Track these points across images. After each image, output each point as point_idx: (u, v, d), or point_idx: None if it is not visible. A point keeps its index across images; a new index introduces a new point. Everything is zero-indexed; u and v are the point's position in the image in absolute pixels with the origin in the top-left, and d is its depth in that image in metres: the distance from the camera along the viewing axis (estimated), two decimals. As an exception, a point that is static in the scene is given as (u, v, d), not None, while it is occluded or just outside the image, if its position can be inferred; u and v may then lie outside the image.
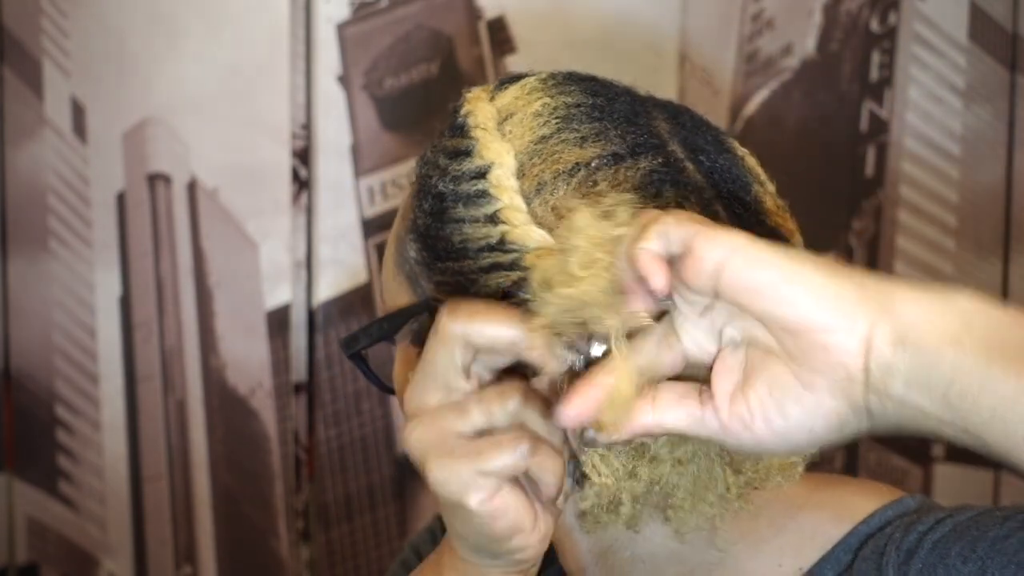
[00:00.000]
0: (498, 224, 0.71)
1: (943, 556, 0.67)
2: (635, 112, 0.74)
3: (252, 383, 1.50)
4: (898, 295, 0.57)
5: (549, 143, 0.72)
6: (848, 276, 0.58)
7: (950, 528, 0.68)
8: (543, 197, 0.71)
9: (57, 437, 1.53)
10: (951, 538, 0.67)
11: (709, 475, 0.71)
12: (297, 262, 1.48)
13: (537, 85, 0.75)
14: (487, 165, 0.72)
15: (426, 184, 0.75)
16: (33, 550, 1.55)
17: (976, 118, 1.45)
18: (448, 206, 0.73)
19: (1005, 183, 1.45)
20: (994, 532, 0.66)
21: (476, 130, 0.74)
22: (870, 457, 1.48)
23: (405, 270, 0.76)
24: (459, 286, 0.72)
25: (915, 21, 1.44)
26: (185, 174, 1.47)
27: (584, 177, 0.71)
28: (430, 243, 0.74)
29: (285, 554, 1.52)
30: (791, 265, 0.58)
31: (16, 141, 1.49)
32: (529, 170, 0.72)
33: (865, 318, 0.56)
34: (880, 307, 0.56)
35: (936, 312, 0.56)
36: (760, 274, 0.57)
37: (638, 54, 1.43)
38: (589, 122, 0.73)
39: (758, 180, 0.75)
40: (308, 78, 1.45)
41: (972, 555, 0.66)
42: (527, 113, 0.74)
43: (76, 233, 1.50)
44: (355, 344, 0.80)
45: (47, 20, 1.47)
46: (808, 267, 0.58)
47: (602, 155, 0.72)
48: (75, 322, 1.51)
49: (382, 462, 1.51)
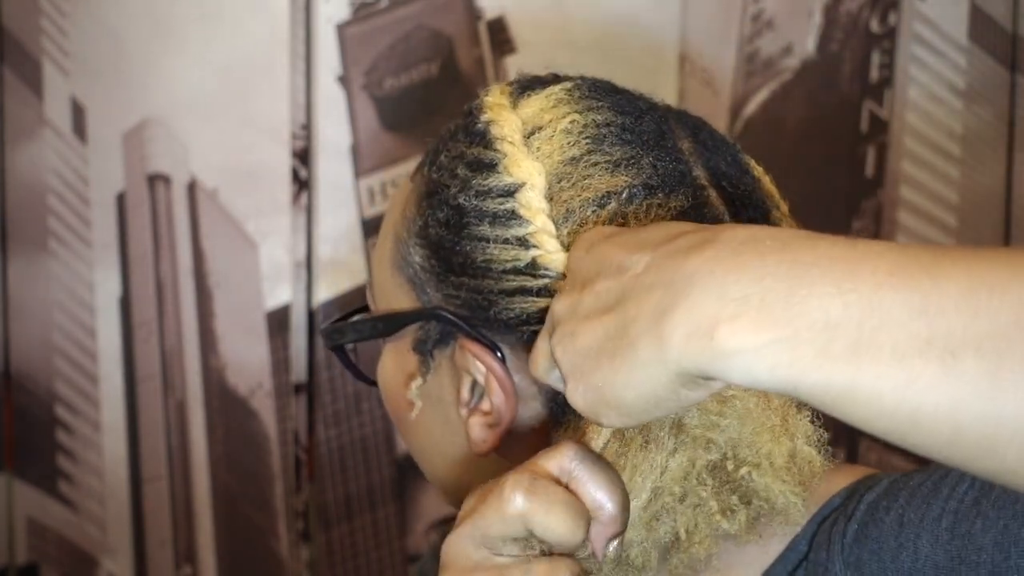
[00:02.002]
0: (529, 248, 0.70)
1: (873, 511, 0.68)
2: (661, 132, 0.73)
3: (252, 383, 1.50)
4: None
5: (579, 166, 0.71)
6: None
7: (884, 487, 0.69)
8: (571, 225, 0.70)
9: (57, 437, 1.53)
10: (881, 495, 0.69)
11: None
12: (297, 262, 1.48)
13: (564, 97, 0.74)
14: (517, 184, 0.70)
15: (442, 192, 0.73)
16: (33, 550, 1.55)
17: (976, 118, 1.45)
18: (470, 221, 0.71)
19: (1005, 183, 1.45)
20: (915, 481, 0.67)
21: (503, 143, 0.72)
22: (870, 457, 1.48)
23: (408, 273, 0.75)
24: (475, 304, 0.71)
25: (915, 21, 1.44)
26: (185, 174, 1.47)
27: (615, 210, 0.70)
28: (443, 255, 0.72)
29: (285, 554, 1.52)
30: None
31: (16, 141, 1.49)
32: (558, 195, 0.70)
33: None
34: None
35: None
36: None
37: (638, 54, 1.43)
38: (620, 145, 0.71)
39: (775, 204, 0.74)
40: (308, 78, 1.45)
41: (894, 505, 0.67)
42: (556, 130, 0.72)
43: (76, 233, 1.50)
44: (340, 338, 0.79)
45: (47, 20, 1.47)
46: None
47: (633, 184, 0.70)
48: (75, 322, 1.51)
49: (382, 462, 1.51)
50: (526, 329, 0.70)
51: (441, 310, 0.73)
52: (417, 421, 0.78)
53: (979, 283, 0.49)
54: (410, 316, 0.75)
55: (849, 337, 0.50)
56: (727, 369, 0.53)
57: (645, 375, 0.56)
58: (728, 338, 0.52)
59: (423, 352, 0.75)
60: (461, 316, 0.72)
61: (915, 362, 0.50)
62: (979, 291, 0.49)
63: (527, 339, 0.71)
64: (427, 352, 0.75)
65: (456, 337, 0.73)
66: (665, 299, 0.55)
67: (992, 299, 0.49)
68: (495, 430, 0.73)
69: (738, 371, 0.53)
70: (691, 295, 0.54)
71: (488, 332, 0.72)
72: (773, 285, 0.52)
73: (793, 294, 0.52)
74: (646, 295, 0.56)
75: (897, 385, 0.50)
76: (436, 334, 0.74)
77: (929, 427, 0.50)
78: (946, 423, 0.50)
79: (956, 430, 0.50)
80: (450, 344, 0.74)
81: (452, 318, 0.72)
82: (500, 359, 0.72)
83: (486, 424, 0.73)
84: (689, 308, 0.54)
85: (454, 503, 0.82)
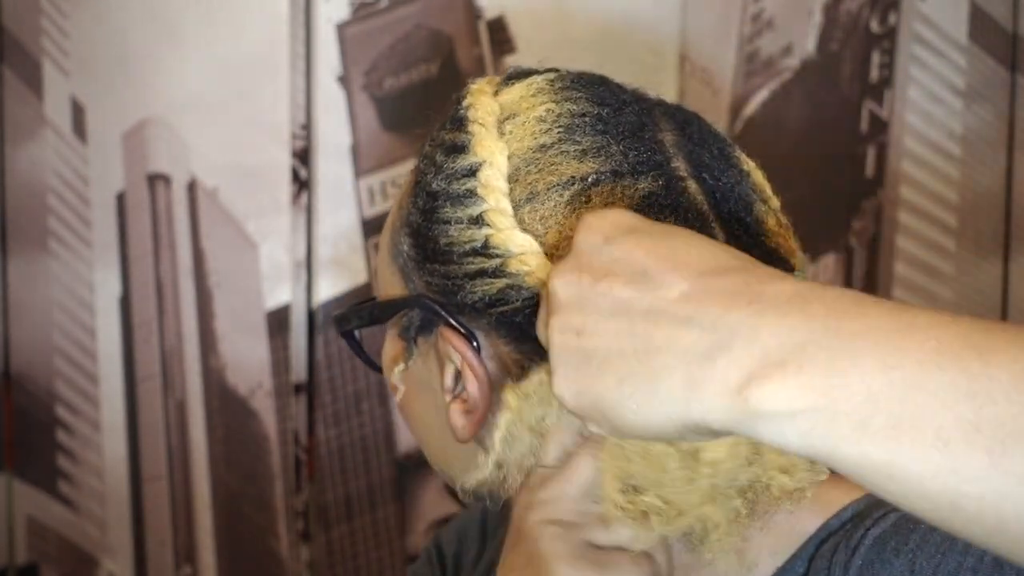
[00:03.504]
0: (482, 227, 0.70)
1: (880, 551, 0.67)
2: (641, 124, 0.73)
3: (252, 383, 1.50)
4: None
5: (548, 153, 0.71)
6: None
7: (891, 522, 0.68)
8: (533, 206, 0.70)
9: (57, 437, 1.53)
10: (890, 532, 0.67)
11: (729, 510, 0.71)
12: (297, 262, 1.48)
13: (544, 86, 0.74)
14: (479, 163, 0.71)
15: (422, 179, 0.74)
16: (33, 550, 1.55)
17: (976, 118, 1.45)
18: (438, 205, 0.72)
19: (1005, 183, 1.45)
20: (925, 524, 0.64)
21: (473, 124, 0.72)
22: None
23: (399, 262, 0.76)
24: (447, 289, 0.72)
25: (915, 21, 1.44)
26: (185, 174, 1.47)
27: (578, 191, 0.70)
28: (420, 241, 0.73)
29: (285, 554, 1.52)
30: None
31: (16, 141, 1.49)
32: (524, 177, 0.70)
33: None
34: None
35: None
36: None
37: (638, 54, 1.43)
38: (592, 135, 0.71)
39: (762, 198, 0.73)
40: (308, 78, 1.45)
41: (904, 548, 0.66)
42: (530, 117, 0.72)
43: (76, 233, 1.50)
44: (346, 324, 0.80)
45: (47, 20, 1.47)
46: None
47: (600, 171, 0.70)
48: (75, 322, 1.51)
49: (382, 462, 1.51)
50: (494, 312, 0.70)
51: (423, 297, 0.73)
52: (413, 407, 0.79)
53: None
54: (397, 303, 0.75)
55: (891, 414, 0.49)
56: (756, 429, 0.52)
57: (660, 410, 0.55)
58: (763, 399, 0.52)
59: (407, 338, 0.76)
60: (438, 303, 0.72)
61: (960, 448, 0.48)
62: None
63: (495, 323, 0.71)
64: (411, 338, 0.76)
65: (438, 325, 0.73)
66: (701, 343, 0.54)
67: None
68: (472, 417, 0.73)
69: (768, 433, 0.52)
70: (732, 349, 0.53)
71: (464, 318, 0.72)
72: (816, 353, 0.51)
73: (835, 364, 0.51)
74: (682, 330, 0.55)
75: (940, 471, 0.48)
76: (418, 321, 0.75)
77: (972, 516, 0.49)
78: (991, 515, 0.48)
79: (1001, 522, 0.48)
80: (433, 331, 0.74)
81: (431, 304, 0.73)
82: (475, 347, 0.72)
83: (464, 411, 0.74)
84: (728, 363, 0.53)
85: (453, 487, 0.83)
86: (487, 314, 0.71)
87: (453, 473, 0.80)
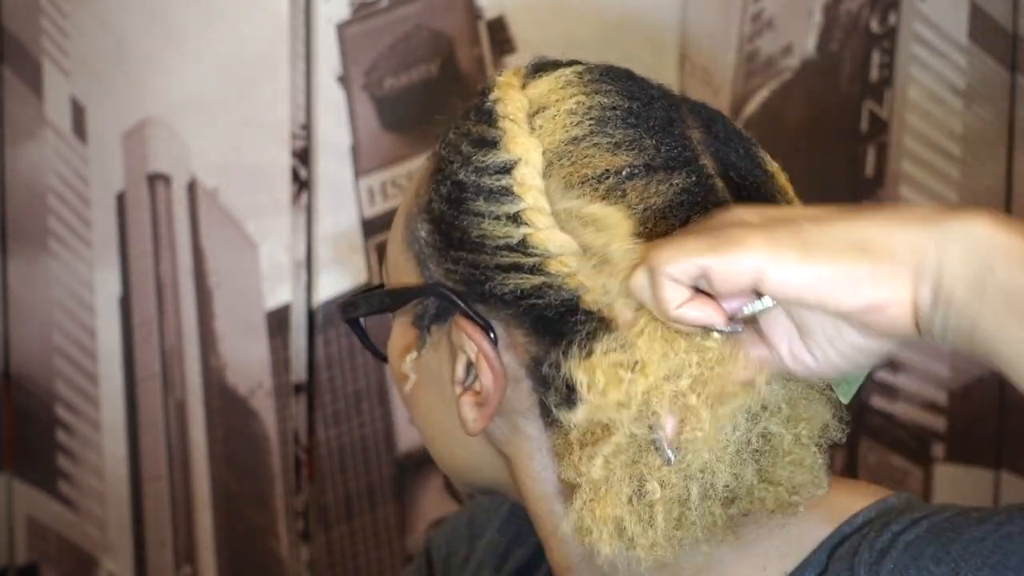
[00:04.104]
0: (520, 225, 0.70)
1: (916, 557, 0.66)
2: (670, 120, 0.73)
3: (252, 383, 1.50)
4: (927, 250, 0.60)
5: (581, 145, 0.71)
6: (871, 241, 0.61)
7: (925, 528, 0.67)
8: (568, 201, 0.70)
9: (57, 437, 1.53)
10: (925, 539, 0.67)
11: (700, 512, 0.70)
12: (297, 262, 1.48)
13: (573, 79, 0.74)
14: (513, 160, 0.70)
15: (446, 168, 0.74)
16: (33, 550, 1.55)
17: (976, 118, 1.45)
18: (468, 196, 0.71)
19: (1005, 183, 1.45)
20: (969, 534, 0.65)
21: (504, 120, 0.72)
22: (870, 457, 1.48)
23: (415, 249, 0.75)
24: (472, 279, 0.72)
25: (915, 21, 1.44)
26: (185, 174, 1.47)
27: (613, 185, 0.70)
28: (444, 229, 0.73)
29: (285, 554, 1.52)
30: (822, 259, 0.61)
31: (16, 141, 1.49)
32: (556, 171, 0.70)
33: (905, 287, 0.60)
34: (915, 271, 0.60)
35: (963, 262, 0.59)
36: (796, 280, 0.61)
37: (638, 54, 1.43)
38: (624, 128, 0.71)
39: (786, 200, 0.74)
40: (308, 78, 1.45)
41: (946, 556, 0.65)
42: (560, 110, 0.72)
43: (76, 233, 1.50)
44: (353, 311, 0.80)
45: (47, 20, 1.47)
46: (837, 251, 0.61)
47: (634, 164, 0.70)
48: (75, 322, 1.51)
49: (382, 462, 1.51)
50: (523, 304, 0.70)
51: (440, 286, 0.73)
52: (419, 398, 0.79)
53: None
54: (412, 291, 0.75)
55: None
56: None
57: (872, 275, 0.60)
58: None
59: (420, 327, 0.76)
60: (458, 292, 0.72)
61: None
62: None
63: (523, 315, 0.71)
64: (424, 327, 0.76)
65: (453, 314, 0.73)
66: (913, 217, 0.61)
67: None
68: (484, 411, 0.73)
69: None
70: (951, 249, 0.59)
71: (484, 309, 0.72)
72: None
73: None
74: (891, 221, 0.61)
75: None
76: (434, 309, 0.75)
77: None
78: None
79: None
80: (447, 321, 0.74)
81: (448, 294, 0.73)
82: (492, 340, 0.72)
83: (475, 404, 0.73)
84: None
85: (456, 482, 0.83)
86: (514, 305, 0.71)
87: (455, 466, 0.80)
